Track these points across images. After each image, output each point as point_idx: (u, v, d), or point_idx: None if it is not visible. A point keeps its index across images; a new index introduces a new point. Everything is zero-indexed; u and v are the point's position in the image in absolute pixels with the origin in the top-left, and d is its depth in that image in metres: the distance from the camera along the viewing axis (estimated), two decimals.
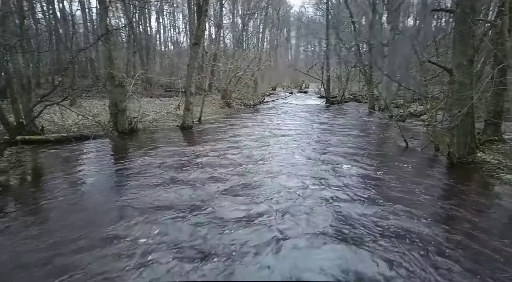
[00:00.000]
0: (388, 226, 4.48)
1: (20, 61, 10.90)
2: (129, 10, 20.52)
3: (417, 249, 3.91)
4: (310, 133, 12.38)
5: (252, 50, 30.81)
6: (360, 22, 24.59)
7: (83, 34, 22.76)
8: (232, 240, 4.12)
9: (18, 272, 3.51)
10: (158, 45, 31.07)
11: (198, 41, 13.43)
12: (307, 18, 42.33)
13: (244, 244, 4.04)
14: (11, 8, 11.35)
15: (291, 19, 49.89)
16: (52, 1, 22.49)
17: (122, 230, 4.40)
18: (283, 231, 4.36)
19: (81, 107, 13.99)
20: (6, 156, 7.64)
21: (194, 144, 10.31)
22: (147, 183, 6.30)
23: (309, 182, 6.35)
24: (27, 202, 5.48)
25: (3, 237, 4.21)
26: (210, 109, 18.43)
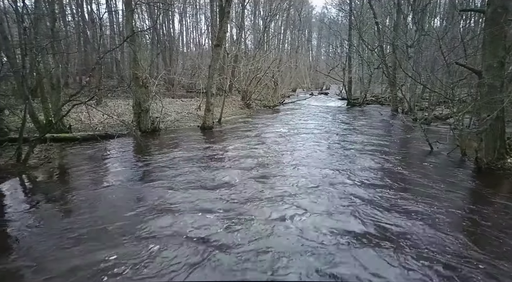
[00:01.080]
0: (413, 231, 4.36)
1: (50, 62, 11.40)
2: (153, 12, 21.06)
3: (439, 257, 3.78)
4: (330, 134, 12.30)
5: (273, 51, 30.79)
6: (384, 23, 24.09)
7: (110, 36, 23.53)
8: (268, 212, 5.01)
9: (53, 259, 3.69)
10: (181, 47, 31.63)
11: (220, 43, 13.57)
12: (329, 19, 41.88)
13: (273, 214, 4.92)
14: (44, 11, 11.89)
15: (313, 20, 49.64)
16: (81, 4, 23.42)
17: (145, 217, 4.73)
18: (304, 207, 5.14)
19: (106, 107, 14.44)
20: (36, 152, 8.00)
21: (216, 142, 10.56)
22: (172, 175, 6.76)
23: (330, 174, 6.65)
24: (55, 196, 5.70)
25: (38, 226, 4.47)
26: (230, 110, 18.58)
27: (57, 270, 3.51)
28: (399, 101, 19.83)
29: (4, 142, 8.30)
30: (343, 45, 33.47)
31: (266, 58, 23.61)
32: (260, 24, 30.29)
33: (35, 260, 3.70)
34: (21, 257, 3.78)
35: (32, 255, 3.81)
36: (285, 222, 4.66)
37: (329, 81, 39.48)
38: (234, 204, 5.28)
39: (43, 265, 3.62)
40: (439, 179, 6.71)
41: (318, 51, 53.85)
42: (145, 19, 26.67)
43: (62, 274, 3.44)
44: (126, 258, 3.73)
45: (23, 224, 4.59)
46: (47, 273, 3.47)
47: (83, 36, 22.42)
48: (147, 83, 11.95)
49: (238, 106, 20.35)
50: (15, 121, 9.79)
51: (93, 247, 3.95)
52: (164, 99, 15.44)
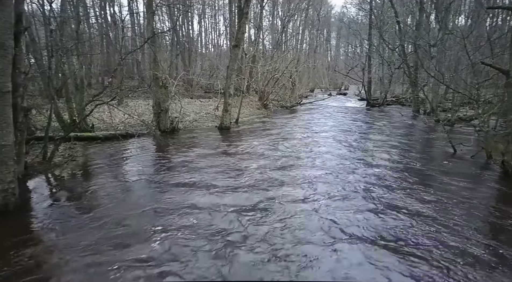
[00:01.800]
0: (433, 237, 4.24)
1: (75, 63, 11.81)
2: (173, 14, 21.41)
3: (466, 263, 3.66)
4: (348, 133, 12.22)
5: (291, 51, 30.65)
6: (405, 21, 23.52)
7: (131, 38, 24.09)
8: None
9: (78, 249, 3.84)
10: (199, 48, 32.00)
11: (238, 44, 13.64)
12: (349, 18, 41.27)
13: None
14: (69, 14, 12.32)
15: (332, 20, 49.06)
16: (104, 6, 24.10)
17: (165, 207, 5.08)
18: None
19: (127, 107, 14.79)
20: (61, 151, 8.30)
21: (233, 141, 10.77)
22: (191, 171, 7.09)
23: (347, 168, 6.47)
24: (79, 191, 5.97)
25: (62, 219, 4.67)
26: (247, 111, 18.62)
27: (79, 258, 3.75)
28: (421, 102, 19.31)
29: (31, 140, 8.63)
30: (363, 45, 32.93)
31: (284, 58, 23.52)
32: (278, 24, 30.23)
33: (61, 248, 3.98)
34: (48, 246, 4.04)
35: (57, 243, 4.10)
36: (303, 204, 5.36)
37: (348, 82, 38.90)
38: (254, 192, 5.75)
39: (68, 251, 3.88)
40: (462, 183, 6.49)
41: (337, 51, 53.19)
42: (165, 20, 27.17)
43: (81, 264, 3.63)
44: (143, 246, 3.99)
45: (49, 217, 4.85)
46: (72, 259, 3.73)
47: (105, 38, 23.04)
48: (167, 83, 12.16)
49: (255, 107, 20.37)
50: (41, 121, 10.17)
51: (112, 235, 4.25)
52: (183, 100, 15.65)
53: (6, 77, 4.64)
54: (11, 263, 3.62)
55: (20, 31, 5.57)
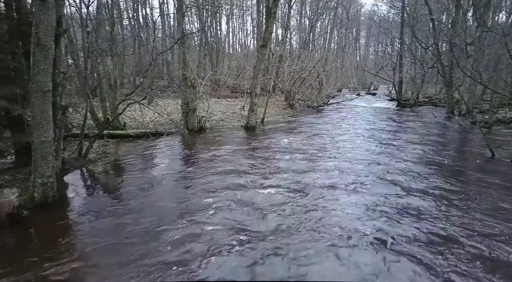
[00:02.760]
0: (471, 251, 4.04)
1: (109, 63, 12.31)
2: (202, 15, 21.79)
3: None
4: (378, 132, 12.00)
5: (318, 51, 30.24)
6: (440, 19, 22.51)
7: (161, 38, 24.78)
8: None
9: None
10: (227, 48, 32.35)
11: (266, 43, 13.65)
12: (380, 16, 40.12)
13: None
14: (104, 16, 12.87)
15: (362, 18, 47.91)
16: (137, 8, 24.96)
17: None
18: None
19: (157, 106, 15.23)
20: (95, 148, 8.68)
21: (258, 140, 10.90)
22: (217, 169, 7.34)
23: (375, 173, 6.33)
24: (111, 186, 6.30)
25: (97, 210, 4.96)
26: (273, 110, 18.60)
27: (114, 245, 4.07)
28: (456, 102, 18.40)
29: (68, 137, 9.10)
30: (394, 43, 31.89)
31: (311, 58, 23.26)
32: (306, 23, 29.93)
33: (96, 236, 4.27)
34: (84, 235, 4.34)
35: (93, 231, 4.41)
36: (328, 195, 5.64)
37: (377, 81, 37.81)
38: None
39: (104, 239, 4.19)
40: (501, 189, 6.13)
41: (366, 50, 51.86)
42: (194, 21, 27.74)
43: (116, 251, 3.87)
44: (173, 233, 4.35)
45: (85, 209, 5.17)
46: (108, 246, 4.06)
47: (137, 39, 23.86)
48: (195, 83, 12.40)
49: (281, 107, 20.31)
50: (77, 119, 10.68)
51: (143, 224, 4.60)
52: (210, 99, 15.90)
53: (47, 77, 4.92)
54: (53, 249, 3.92)
55: (60, 33, 5.88)
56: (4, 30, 6.29)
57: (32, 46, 4.81)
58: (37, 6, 4.78)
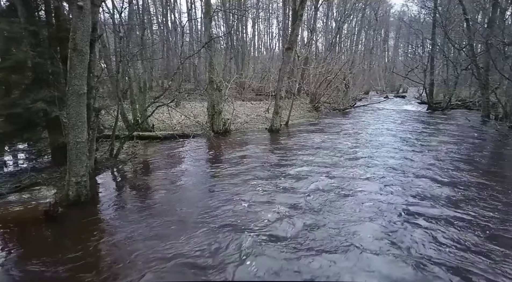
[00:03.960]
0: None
1: (138, 67, 12.73)
2: (229, 18, 22.08)
3: None
4: (407, 135, 11.66)
5: (345, 53, 29.75)
6: (475, 19, 21.47)
7: (189, 42, 25.34)
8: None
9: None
10: (252, 51, 32.54)
11: (292, 46, 13.60)
12: (410, 17, 38.90)
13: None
14: (135, 22, 13.34)
15: (391, 19, 46.63)
16: (166, 14, 25.69)
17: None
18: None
19: (184, 109, 15.55)
20: (125, 148, 8.99)
21: (282, 143, 10.96)
22: (242, 169, 7.54)
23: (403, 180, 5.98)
24: (140, 184, 6.53)
25: (126, 206, 5.23)
26: (298, 113, 18.46)
27: (141, 239, 4.30)
28: (492, 106, 17.46)
29: (100, 138, 9.49)
30: (425, 44, 30.79)
31: (337, 60, 22.92)
32: (332, 25, 29.55)
33: (125, 231, 4.48)
34: (114, 231, 4.56)
35: (122, 229, 4.58)
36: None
37: (406, 84, 36.60)
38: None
39: (132, 234, 4.41)
40: None
41: (395, 51, 50.34)
42: (221, 25, 28.14)
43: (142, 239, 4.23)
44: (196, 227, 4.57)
45: (116, 207, 5.44)
46: (136, 239, 4.28)
47: (166, 43, 24.53)
48: (221, 86, 12.56)
49: (306, 109, 20.13)
50: (109, 120, 11.13)
51: (167, 218, 4.87)
52: (235, 102, 16.04)
53: (83, 81, 5.16)
54: (86, 243, 4.15)
55: (95, 38, 6.15)
56: (44, 36, 6.66)
57: (69, 51, 5.07)
58: (74, 13, 5.02)
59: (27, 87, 6.45)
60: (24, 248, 4.09)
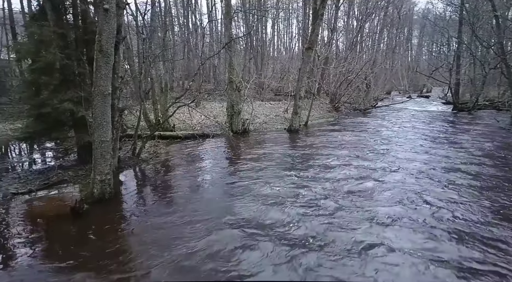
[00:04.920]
0: None
1: (161, 68, 12.96)
2: (248, 19, 22.14)
3: None
4: (431, 138, 11.25)
5: (367, 52, 29.14)
6: (505, 15, 20.52)
7: (209, 43, 25.59)
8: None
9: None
10: (271, 51, 32.48)
11: (312, 46, 13.46)
12: (434, 15, 37.69)
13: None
14: (158, 24, 13.59)
15: (415, 17, 45.34)
16: (187, 15, 26.08)
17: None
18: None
19: (204, 109, 15.72)
20: (147, 148, 9.18)
21: (301, 143, 10.92)
22: (260, 169, 7.52)
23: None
24: (161, 182, 6.72)
25: (148, 202, 5.29)
26: (317, 113, 18.27)
27: (162, 235, 4.45)
28: None
29: (123, 137, 9.75)
30: (450, 43, 29.73)
31: (358, 59, 22.50)
32: (353, 24, 29.05)
33: (147, 227, 4.67)
34: (137, 227, 4.72)
35: (144, 225, 4.77)
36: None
37: (431, 83, 35.47)
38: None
39: (153, 230, 4.57)
40: None
41: (419, 50, 48.83)
42: (241, 26, 28.26)
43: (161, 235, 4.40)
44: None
45: (138, 204, 5.67)
46: (157, 235, 4.43)
47: (187, 45, 24.89)
48: (240, 87, 12.61)
49: (325, 109, 19.89)
50: (131, 120, 11.39)
51: (187, 216, 4.97)
52: (254, 102, 16.06)
53: (108, 81, 5.30)
54: (110, 238, 4.32)
55: (119, 40, 6.31)
56: (72, 38, 6.90)
57: (95, 53, 5.22)
58: (100, 16, 5.17)
59: (55, 88, 6.68)
60: (52, 241, 4.27)
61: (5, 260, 3.88)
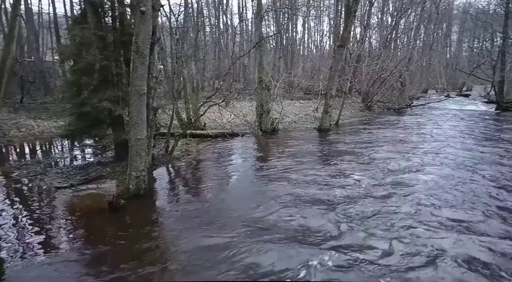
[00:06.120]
0: None
1: (192, 68, 13.22)
2: (279, 17, 22.03)
3: None
4: (474, 137, 10.70)
5: (402, 49, 27.99)
6: None
7: (239, 43, 25.77)
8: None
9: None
10: (302, 50, 32.11)
11: (344, 43, 13.15)
12: (476, 9, 35.49)
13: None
14: (190, 24, 13.87)
15: (455, 12, 42.91)
16: (218, 16, 26.45)
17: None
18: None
19: (234, 108, 15.87)
20: (179, 146, 9.41)
21: (331, 143, 10.80)
22: (290, 168, 7.48)
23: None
24: (193, 179, 7.07)
25: (180, 198, 5.49)
26: (349, 112, 17.84)
27: (193, 227, 4.67)
28: None
29: (156, 135, 10.05)
30: (494, 38, 27.83)
31: (393, 57, 21.68)
32: (388, 21, 28.01)
33: (180, 222, 4.86)
34: (170, 221, 4.98)
35: (177, 220, 4.97)
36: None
37: (471, 81, 33.48)
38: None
39: (185, 223, 4.79)
40: None
41: (459, 46, 46.12)
42: (271, 25, 28.19)
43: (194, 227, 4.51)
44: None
45: (171, 200, 5.92)
46: (188, 228, 4.62)
47: (217, 44, 25.23)
48: (270, 86, 12.58)
49: (357, 109, 19.38)
50: (164, 119, 11.73)
51: (217, 212, 5.17)
52: (283, 101, 15.97)
53: (144, 81, 5.49)
54: (146, 232, 4.54)
55: (154, 41, 6.50)
56: (110, 40, 7.21)
57: (132, 54, 5.42)
58: (137, 18, 5.36)
59: (94, 88, 7.00)
60: (91, 233, 4.53)
61: (50, 246, 4.16)
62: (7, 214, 5.05)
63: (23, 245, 4.13)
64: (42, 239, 4.31)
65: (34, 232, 4.48)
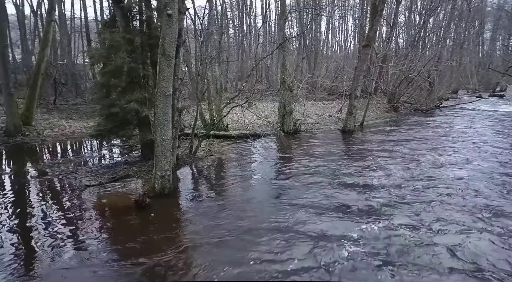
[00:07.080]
0: None
1: (216, 69, 13.37)
2: (302, 18, 21.87)
3: None
4: (507, 145, 10.09)
5: (430, 48, 27.00)
6: None
7: (262, 44, 25.82)
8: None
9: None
10: (325, 50, 31.71)
11: (369, 43, 12.85)
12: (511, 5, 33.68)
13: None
14: (214, 27, 14.04)
15: (488, 9, 40.90)
16: (242, 17, 26.64)
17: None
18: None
19: (256, 109, 15.89)
20: (202, 146, 9.53)
21: (356, 145, 10.59)
22: (312, 170, 7.51)
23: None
24: (215, 179, 7.17)
25: (203, 197, 5.53)
26: (374, 114, 17.42)
27: (216, 225, 4.80)
28: None
29: (180, 136, 10.23)
30: None
31: (421, 56, 20.97)
32: (416, 19, 27.11)
33: (203, 220, 5.00)
34: (194, 219, 5.09)
35: (200, 218, 5.10)
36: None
37: (505, 81, 31.79)
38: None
39: (209, 221, 4.94)
40: None
41: (492, 45, 43.85)
42: (294, 25, 28.03)
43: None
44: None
45: (195, 199, 6.02)
46: (211, 227, 4.74)
47: (240, 46, 25.40)
48: (293, 87, 12.50)
49: (383, 110, 18.89)
50: (188, 120, 11.93)
51: (239, 212, 5.25)
52: (306, 102, 15.82)
53: (170, 83, 5.60)
54: (171, 229, 4.73)
55: (180, 44, 6.62)
56: (138, 43, 7.42)
57: (158, 56, 5.55)
58: (164, 21, 5.48)
59: (123, 89, 7.23)
60: (119, 229, 4.72)
61: (79, 241, 4.35)
62: (41, 210, 5.31)
63: (54, 239, 4.36)
64: (71, 233, 4.53)
65: (64, 227, 4.71)
